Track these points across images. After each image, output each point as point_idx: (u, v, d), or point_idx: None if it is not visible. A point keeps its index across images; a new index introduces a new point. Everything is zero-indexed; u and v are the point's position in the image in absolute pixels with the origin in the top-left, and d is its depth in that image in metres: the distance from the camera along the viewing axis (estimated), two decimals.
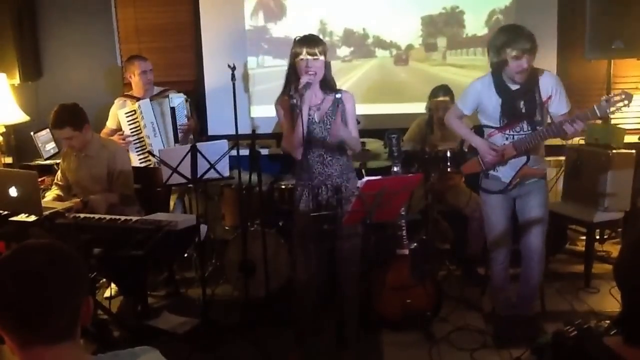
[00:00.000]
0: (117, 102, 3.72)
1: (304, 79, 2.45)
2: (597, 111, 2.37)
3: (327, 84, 2.58)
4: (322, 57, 2.50)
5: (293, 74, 2.54)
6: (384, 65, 4.17)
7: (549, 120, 2.62)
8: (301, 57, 2.48)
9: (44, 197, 3.17)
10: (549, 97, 2.57)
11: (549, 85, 2.57)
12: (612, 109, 2.36)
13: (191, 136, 3.71)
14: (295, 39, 2.57)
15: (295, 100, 2.53)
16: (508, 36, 2.49)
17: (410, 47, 4.16)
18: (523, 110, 2.56)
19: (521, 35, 2.46)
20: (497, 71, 2.58)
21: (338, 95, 2.60)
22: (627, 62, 3.91)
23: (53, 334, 1.01)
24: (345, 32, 4.17)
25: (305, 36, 2.57)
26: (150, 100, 3.58)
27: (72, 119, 2.94)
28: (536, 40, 2.49)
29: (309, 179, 2.59)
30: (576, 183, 3.61)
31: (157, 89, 3.73)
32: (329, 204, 2.60)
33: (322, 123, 2.57)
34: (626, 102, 2.34)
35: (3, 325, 1.00)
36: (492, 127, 2.66)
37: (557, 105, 2.58)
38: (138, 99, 3.61)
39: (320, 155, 2.58)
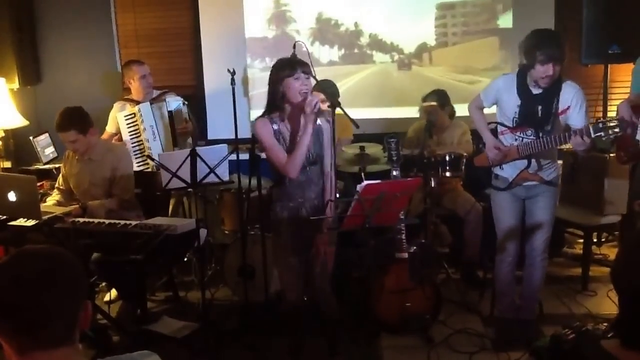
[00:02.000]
0: (117, 105, 3.73)
1: (314, 100, 2.34)
2: (591, 131, 2.37)
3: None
4: (312, 79, 2.43)
5: (280, 97, 2.41)
6: (386, 69, 4.18)
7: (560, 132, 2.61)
8: (296, 76, 2.37)
9: (44, 201, 3.18)
10: (567, 108, 2.55)
11: (569, 97, 2.54)
12: (606, 134, 2.34)
13: (189, 140, 3.72)
14: (278, 62, 2.45)
15: (277, 126, 2.46)
16: (540, 39, 2.47)
17: (422, 47, 4.13)
18: (539, 116, 2.56)
19: (553, 42, 2.45)
20: (523, 72, 2.58)
21: (318, 123, 2.52)
22: (624, 67, 3.93)
23: (51, 339, 1.01)
24: (349, 35, 4.17)
25: (294, 59, 2.47)
26: (150, 104, 3.59)
27: (77, 122, 2.95)
28: (566, 50, 2.48)
29: (289, 201, 2.54)
30: (573, 187, 3.63)
31: (155, 92, 3.74)
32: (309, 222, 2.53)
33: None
34: (618, 130, 2.34)
35: (1, 330, 1.01)
36: (504, 126, 2.68)
37: (575, 118, 2.54)
38: (137, 103, 3.62)
39: (300, 183, 2.52)
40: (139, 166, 3.59)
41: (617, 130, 2.35)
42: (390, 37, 4.16)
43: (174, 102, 3.61)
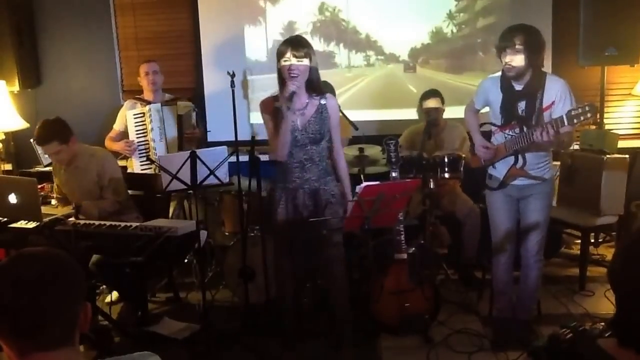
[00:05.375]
0: (128, 103, 3.76)
1: (289, 88, 2.46)
2: (565, 120, 2.37)
3: (313, 87, 2.59)
4: (306, 60, 2.50)
5: (279, 78, 2.56)
6: (391, 72, 4.18)
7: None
8: (285, 59, 2.48)
9: (45, 203, 3.19)
10: (552, 103, 2.55)
11: (553, 92, 2.54)
12: (578, 120, 2.34)
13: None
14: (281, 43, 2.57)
15: (279, 104, 2.55)
16: (502, 32, 2.55)
17: (427, 48, 4.14)
18: (523, 113, 2.58)
19: (509, 31, 2.50)
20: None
21: (323, 102, 2.61)
22: (620, 68, 3.97)
23: (50, 340, 1.02)
24: (353, 38, 4.17)
25: (291, 38, 2.58)
26: (161, 106, 3.61)
27: (58, 133, 2.91)
28: (534, 41, 2.48)
29: (287, 182, 2.61)
30: (571, 188, 3.65)
31: (168, 96, 3.76)
32: (306, 207, 2.62)
33: (305, 131, 2.58)
34: (589, 115, 2.33)
35: (0, 332, 1.02)
36: (494, 125, 2.72)
37: (561, 112, 2.50)
38: (148, 102, 3.65)
39: (300, 161, 2.59)
40: (142, 165, 3.60)
41: (589, 115, 2.33)
42: (395, 40, 4.15)
43: (184, 107, 3.64)
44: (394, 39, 4.16)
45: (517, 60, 2.48)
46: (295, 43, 2.51)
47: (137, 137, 3.60)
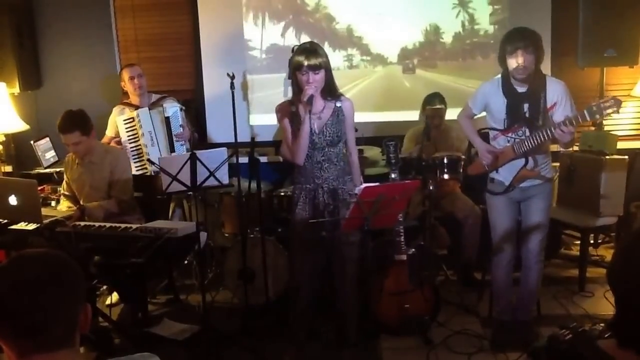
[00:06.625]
0: (116, 109, 3.75)
1: (308, 91, 2.48)
2: (586, 115, 2.39)
3: (328, 91, 2.62)
4: (322, 71, 2.53)
5: (295, 85, 2.60)
6: (389, 73, 4.17)
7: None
8: (303, 71, 2.50)
9: (45, 204, 3.19)
10: (554, 104, 2.58)
11: (555, 93, 2.58)
12: (601, 114, 2.36)
13: (187, 145, 3.72)
14: (295, 49, 2.60)
15: (295, 108, 2.58)
16: (507, 35, 2.59)
17: (426, 50, 4.11)
18: (527, 115, 2.60)
19: (517, 33, 2.55)
20: (506, 73, 2.64)
21: (338, 104, 2.65)
22: (620, 69, 3.97)
23: (50, 342, 1.02)
24: (352, 39, 4.15)
25: (305, 47, 2.57)
26: (149, 109, 3.61)
27: (81, 123, 2.98)
28: (540, 42, 2.54)
29: (306, 183, 2.64)
30: (570, 188, 3.66)
31: (155, 97, 3.75)
32: (326, 207, 2.64)
33: (322, 134, 2.62)
34: (615, 108, 2.35)
35: (0, 333, 1.02)
36: (496, 130, 2.71)
37: (562, 114, 2.55)
38: (136, 107, 3.64)
39: (318, 162, 2.63)
40: (137, 170, 3.60)
41: (610, 110, 2.35)
42: (394, 41, 4.12)
43: (171, 108, 3.62)
44: (383, 37, 4.07)
45: (529, 61, 2.51)
46: (311, 53, 2.51)
47: (129, 142, 3.60)
